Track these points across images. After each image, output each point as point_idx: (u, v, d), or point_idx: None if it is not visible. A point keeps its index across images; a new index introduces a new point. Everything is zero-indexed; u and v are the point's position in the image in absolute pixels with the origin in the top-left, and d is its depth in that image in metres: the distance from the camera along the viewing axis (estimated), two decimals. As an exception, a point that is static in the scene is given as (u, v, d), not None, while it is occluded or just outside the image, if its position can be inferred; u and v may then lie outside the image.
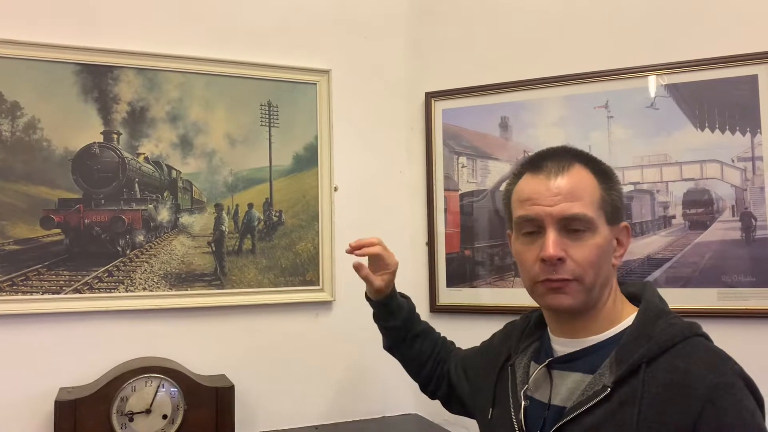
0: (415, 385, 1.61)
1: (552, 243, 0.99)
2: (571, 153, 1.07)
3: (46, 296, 1.64)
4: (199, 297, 1.79)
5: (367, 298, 1.46)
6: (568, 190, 1.01)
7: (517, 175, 1.11)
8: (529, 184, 1.05)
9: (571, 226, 1.00)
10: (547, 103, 1.90)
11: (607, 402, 0.95)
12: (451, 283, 2.00)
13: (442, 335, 1.56)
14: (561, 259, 0.99)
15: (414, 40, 2.10)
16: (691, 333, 0.98)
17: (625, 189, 1.80)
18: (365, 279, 1.40)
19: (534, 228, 1.03)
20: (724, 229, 1.71)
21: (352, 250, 1.38)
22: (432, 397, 1.51)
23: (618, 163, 1.80)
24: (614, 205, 1.04)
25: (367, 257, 1.39)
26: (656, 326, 0.99)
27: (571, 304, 1.01)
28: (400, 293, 1.47)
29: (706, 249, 1.72)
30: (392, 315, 1.44)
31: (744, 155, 1.70)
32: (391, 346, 1.52)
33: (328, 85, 1.95)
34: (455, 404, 1.43)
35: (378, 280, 1.39)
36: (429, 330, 1.52)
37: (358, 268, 1.40)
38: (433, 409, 1.88)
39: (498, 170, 1.96)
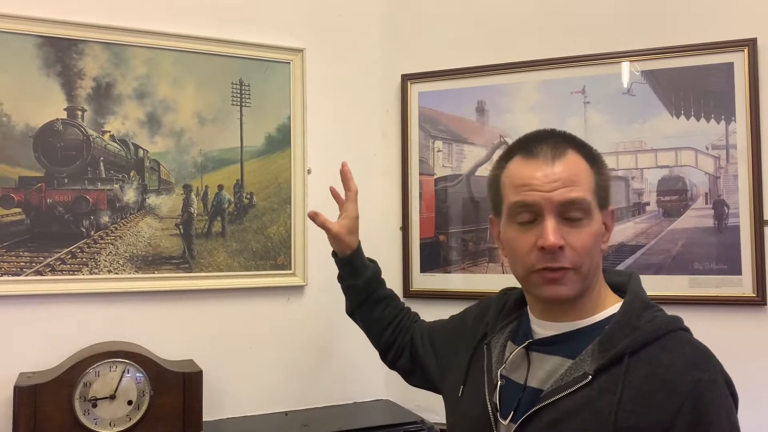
0: (387, 371, 1.59)
1: (552, 231, 0.96)
2: (563, 137, 1.05)
3: (5, 278, 1.58)
4: (167, 280, 1.74)
5: (334, 254, 1.48)
6: (567, 176, 0.98)
7: (505, 159, 1.07)
8: (524, 170, 1.01)
9: (569, 213, 0.98)
10: (524, 87, 1.88)
11: (587, 388, 0.95)
12: (425, 268, 1.98)
13: (407, 306, 1.54)
14: (561, 247, 0.96)
15: (391, 20, 2.06)
16: (675, 327, 0.98)
17: (600, 175, 1.79)
18: (322, 226, 1.44)
19: (530, 214, 0.99)
20: (697, 217, 1.72)
21: (344, 170, 1.49)
22: (391, 366, 1.48)
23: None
24: (605, 189, 1.03)
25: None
26: (642, 318, 0.98)
27: (568, 294, 0.99)
28: (369, 258, 1.49)
29: (678, 236, 1.73)
30: (356, 274, 1.45)
31: (718, 143, 1.70)
32: (352, 309, 1.51)
33: (302, 65, 1.90)
34: (418, 376, 1.40)
35: (336, 226, 1.43)
36: (393, 297, 1.51)
37: (313, 215, 1.46)
38: (404, 395, 1.87)
39: (474, 155, 1.94)
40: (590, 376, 0.95)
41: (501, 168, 1.07)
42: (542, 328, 1.06)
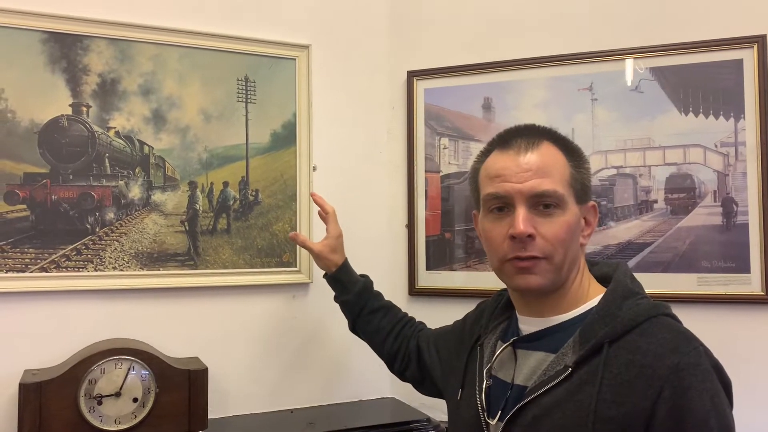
0: (393, 369, 1.59)
1: (522, 219, 0.97)
2: (539, 130, 1.06)
3: (10, 275, 1.57)
4: (172, 277, 1.73)
5: (324, 275, 1.59)
6: (538, 167, 1.00)
7: (485, 153, 1.09)
8: (498, 161, 1.04)
9: (542, 203, 0.99)
10: (530, 84, 1.87)
11: (567, 381, 0.94)
12: (430, 266, 1.98)
13: (409, 315, 1.55)
14: (531, 236, 0.97)
15: (396, 17, 2.05)
16: (657, 312, 0.97)
17: (608, 173, 1.79)
18: (303, 246, 1.61)
19: (503, 205, 1.01)
20: (705, 215, 1.71)
21: (314, 197, 1.62)
22: (401, 377, 1.50)
23: (601, 146, 1.78)
24: (583, 183, 1.04)
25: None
26: (623, 306, 0.97)
27: (540, 284, 0.99)
28: (361, 274, 1.57)
29: (686, 234, 1.72)
30: (345, 289, 1.53)
31: (727, 140, 1.69)
32: (352, 324, 1.55)
33: (307, 61, 1.89)
34: (428, 385, 1.41)
35: (317, 246, 1.56)
36: (390, 307, 1.55)
37: (294, 237, 1.65)
38: (410, 393, 1.85)
39: (480, 152, 1.93)
40: (570, 369, 0.95)
41: (480, 162, 1.09)
42: (527, 325, 1.07)
